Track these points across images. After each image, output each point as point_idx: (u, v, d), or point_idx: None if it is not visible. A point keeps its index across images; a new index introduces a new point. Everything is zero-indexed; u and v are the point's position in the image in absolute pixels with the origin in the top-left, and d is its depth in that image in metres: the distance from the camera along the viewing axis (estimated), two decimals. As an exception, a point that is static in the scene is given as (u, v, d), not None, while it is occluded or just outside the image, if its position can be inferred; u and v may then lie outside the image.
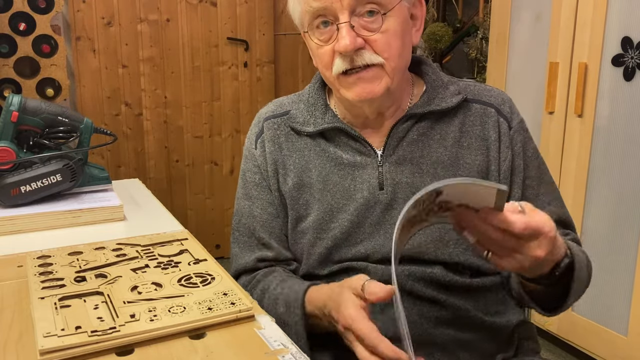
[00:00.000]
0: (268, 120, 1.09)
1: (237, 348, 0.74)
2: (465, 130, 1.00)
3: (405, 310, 0.96)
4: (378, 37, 0.91)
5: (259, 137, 1.09)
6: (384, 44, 0.92)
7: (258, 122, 1.11)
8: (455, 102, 0.99)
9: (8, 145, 1.21)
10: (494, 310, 1.00)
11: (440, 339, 0.96)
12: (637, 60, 1.90)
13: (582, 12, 2.05)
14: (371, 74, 0.92)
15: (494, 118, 1.00)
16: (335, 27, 0.91)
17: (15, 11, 2.56)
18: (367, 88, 0.93)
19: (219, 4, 3.12)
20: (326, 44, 0.93)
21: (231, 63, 3.20)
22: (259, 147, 1.08)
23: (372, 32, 0.91)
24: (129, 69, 3.01)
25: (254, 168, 1.09)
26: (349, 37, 0.89)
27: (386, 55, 0.92)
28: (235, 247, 1.10)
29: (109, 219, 1.22)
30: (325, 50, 0.94)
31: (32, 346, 0.72)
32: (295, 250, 1.06)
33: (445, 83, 1.02)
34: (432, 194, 0.73)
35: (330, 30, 0.92)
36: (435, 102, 1.00)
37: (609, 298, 2.06)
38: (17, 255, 1.02)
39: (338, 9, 0.89)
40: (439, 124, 1.00)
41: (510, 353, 1.02)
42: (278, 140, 1.07)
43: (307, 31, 0.96)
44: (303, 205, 1.03)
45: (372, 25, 0.91)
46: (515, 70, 2.38)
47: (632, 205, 1.96)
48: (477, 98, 1.02)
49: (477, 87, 1.04)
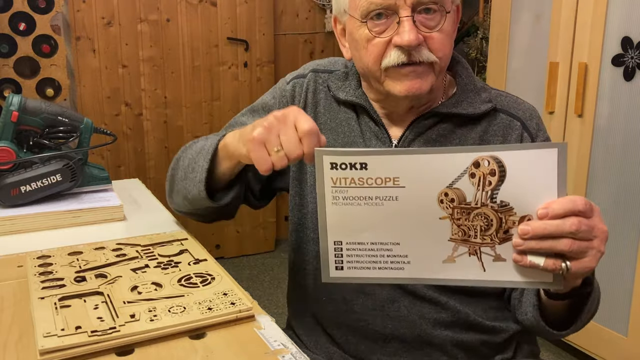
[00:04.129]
0: (315, 72, 1.09)
1: (237, 348, 0.74)
2: (486, 138, 0.98)
3: (406, 309, 0.97)
4: (436, 35, 0.91)
5: (298, 78, 1.09)
6: (439, 43, 0.92)
7: (304, 69, 1.11)
8: (483, 109, 0.98)
9: (8, 145, 1.21)
10: (493, 316, 1.00)
11: (439, 340, 0.96)
12: (637, 60, 1.90)
13: (582, 12, 2.05)
14: (422, 70, 0.92)
15: (518, 131, 0.99)
16: (392, 20, 0.90)
17: (15, 11, 2.56)
18: (417, 83, 0.92)
19: (219, 4, 3.11)
20: (379, 35, 0.92)
21: (231, 63, 3.20)
22: (291, 85, 1.08)
23: (431, 29, 0.91)
24: (129, 69, 3.01)
25: (274, 99, 1.09)
26: (413, 32, 0.89)
27: (440, 54, 0.92)
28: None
29: (109, 219, 1.22)
30: (378, 41, 0.92)
31: (32, 346, 0.72)
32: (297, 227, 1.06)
33: (477, 89, 1.01)
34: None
35: (386, 23, 0.91)
36: (462, 105, 0.98)
37: (609, 298, 2.06)
38: (17, 255, 1.02)
39: (401, 5, 0.89)
40: (461, 129, 0.98)
41: (509, 354, 1.01)
42: (317, 95, 1.06)
43: (363, 20, 0.92)
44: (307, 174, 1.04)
45: (431, 22, 0.91)
46: (515, 70, 2.38)
47: (632, 205, 1.96)
48: (505, 109, 1.00)
49: (509, 98, 1.03)
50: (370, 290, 0.97)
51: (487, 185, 0.72)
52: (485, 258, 0.75)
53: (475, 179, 0.72)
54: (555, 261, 0.73)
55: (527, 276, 0.75)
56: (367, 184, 0.74)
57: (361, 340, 0.98)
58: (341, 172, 0.74)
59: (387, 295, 0.96)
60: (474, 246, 0.75)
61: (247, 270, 3.19)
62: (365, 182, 0.74)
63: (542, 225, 0.71)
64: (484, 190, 0.72)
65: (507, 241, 0.74)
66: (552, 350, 2.33)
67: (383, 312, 0.96)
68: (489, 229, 0.74)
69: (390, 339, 0.97)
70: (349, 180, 0.74)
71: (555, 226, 0.71)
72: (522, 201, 0.72)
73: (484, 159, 0.71)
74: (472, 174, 0.72)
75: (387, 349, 0.97)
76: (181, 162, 1.06)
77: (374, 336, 0.97)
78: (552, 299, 0.87)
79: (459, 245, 0.75)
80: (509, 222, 0.73)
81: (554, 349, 2.34)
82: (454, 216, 0.74)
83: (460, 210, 0.73)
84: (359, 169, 0.74)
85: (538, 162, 0.71)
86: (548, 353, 2.30)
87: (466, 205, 0.73)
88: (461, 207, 0.73)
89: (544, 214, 0.71)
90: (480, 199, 0.72)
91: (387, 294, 0.96)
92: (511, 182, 0.71)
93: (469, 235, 0.74)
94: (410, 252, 0.77)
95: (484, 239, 0.74)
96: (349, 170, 0.74)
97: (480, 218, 0.73)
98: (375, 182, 0.74)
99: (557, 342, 2.32)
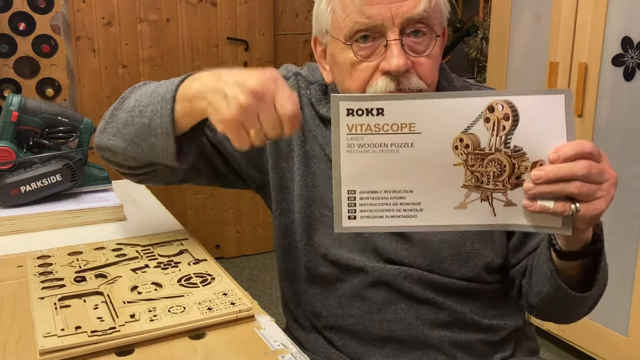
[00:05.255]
0: (297, 75, 1.04)
1: (237, 348, 0.74)
2: None
3: (402, 312, 0.96)
4: (424, 60, 0.87)
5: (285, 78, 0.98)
6: (428, 69, 0.88)
7: (287, 71, 1.06)
8: None
9: (8, 145, 1.21)
10: (491, 314, 0.99)
11: (437, 341, 0.96)
12: (637, 60, 1.90)
13: (582, 12, 2.05)
14: None
15: None
16: (378, 43, 0.86)
17: (15, 11, 2.56)
18: None
19: (219, 4, 3.11)
20: (366, 60, 0.87)
21: (231, 63, 3.20)
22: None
23: (419, 54, 0.87)
24: (129, 69, 3.01)
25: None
26: (402, 57, 0.84)
27: (429, 80, 0.88)
28: None
29: (109, 219, 1.22)
30: (364, 66, 0.87)
31: (32, 346, 0.72)
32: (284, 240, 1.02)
33: (457, 89, 0.99)
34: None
35: (372, 47, 0.86)
36: None
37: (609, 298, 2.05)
38: (17, 255, 1.02)
39: (389, 26, 0.84)
40: None
41: (508, 353, 1.01)
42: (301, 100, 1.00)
43: (348, 43, 0.87)
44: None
45: (419, 46, 0.87)
46: (515, 70, 2.38)
47: (632, 205, 1.96)
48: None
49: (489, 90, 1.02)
50: (367, 294, 0.96)
51: (501, 130, 0.73)
52: (497, 203, 0.76)
53: (490, 124, 0.73)
54: (565, 204, 0.73)
55: (537, 220, 0.76)
56: (383, 130, 0.74)
57: (359, 343, 0.98)
58: (357, 118, 0.73)
59: (383, 298, 0.96)
60: (486, 192, 0.76)
61: (247, 270, 3.19)
62: (381, 128, 0.74)
63: (555, 168, 0.72)
64: (498, 136, 0.73)
65: (518, 187, 0.75)
66: (552, 350, 2.33)
67: (380, 315, 0.96)
68: (501, 175, 0.75)
69: (388, 341, 0.96)
70: (364, 127, 0.74)
71: (567, 169, 0.71)
72: (534, 146, 0.74)
73: (498, 103, 0.72)
74: (487, 118, 0.73)
75: (384, 350, 0.96)
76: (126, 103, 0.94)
77: (372, 338, 0.97)
78: (566, 259, 0.85)
79: (471, 191, 0.76)
80: (521, 167, 0.74)
81: (554, 349, 2.34)
82: (467, 162, 0.75)
83: (475, 156, 0.74)
84: (376, 114, 0.73)
85: (547, 108, 0.73)
86: (548, 353, 2.30)
87: (480, 151, 0.74)
88: (475, 153, 0.74)
89: (555, 157, 0.72)
90: (494, 144, 0.74)
91: (384, 297, 0.96)
92: (524, 126, 0.73)
93: (481, 181, 0.75)
94: (423, 199, 0.77)
95: (497, 185, 0.75)
96: (365, 116, 0.73)
97: (493, 164, 0.75)
98: (391, 128, 0.74)
99: (557, 342, 2.32)
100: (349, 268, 0.97)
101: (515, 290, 1.01)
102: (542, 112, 0.73)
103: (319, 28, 0.94)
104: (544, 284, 0.91)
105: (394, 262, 0.95)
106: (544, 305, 0.94)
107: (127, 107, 0.93)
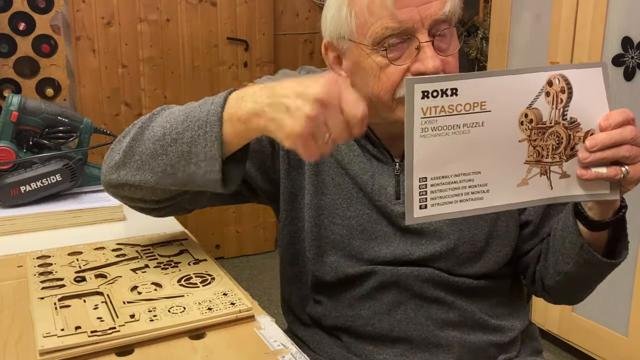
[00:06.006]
0: None
1: (237, 348, 0.74)
2: None
3: (412, 312, 0.96)
4: (451, 59, 0.88)
5: None
6: (454, 67, 0.89)
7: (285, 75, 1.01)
8: None
9: (8, 145, 1.21)
10: (499, 313, 1.00)
11: (446, 341, 0.96)
12: (637, 60, 1.90)
13: (582, 12, 2.04)
14: None
15: None
16: (408, 45, 0.85)
17: (15, 11, 2.56)
18: None
19: (219, 4, 3.11)
20: (394, 62, 0.86)
21: (231, 63, 3.20)
22: None
23: (445, 53, 0.88)
24: (129, 69, 3.01)
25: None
26: (438, 58, 0.84)
27: None
28: None
29: (109, 219, 1.22)
30: (393, 70, 0.86)
31: (32, 346, 0.72)
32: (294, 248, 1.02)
33: None
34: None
35: (401, 49, 0.85)
36: None
37: (609, 298, 2.06)
38: (17, 255, 1.02)
39: (419, 28, 0.84)
40: None
41: (513, 353, 1.02)
42: None
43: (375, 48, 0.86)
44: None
45: (443, 45, 0.88)
46: (515, 70, 2.38)
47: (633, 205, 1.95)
48: None
49: None
50: (377, 295, 0.96)
51: (559, 103, 0.78)
52: (553, 176, 0.80)
53: (550, 98, 0.77)
54: (616, 168, 0.79)
55: (588, 189, 0.81)
56: (457, 110, 0.75)
57: (368, 342, 0.98)
58: (432, 100, 0.74)
59: (393, 298, 0.96)
60: (545, 166, 0.80)
61: (247, 270, 3.19)
62: (454, 109, 0.75)
63: (607, 135, 0.77)
64: (557, 109, 0.78)
65: (572, 157, 0.80)
66: (552, 350, 2.33)
67: (390, 315, 0.96)
68: (558, 147, 0.79)
69: (398, 341, 0.96)
70: (439, 109, 0.75)
71: (618, 134, 0.77)
72: (586, 116, 0.79)
73: (555, 77, 0.77)
74: (547, 92, 0.77)
75: (394, 350, 0.96)
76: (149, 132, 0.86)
77: (381, 338, 0.97)
78: (597, 229, 0.88)
79: (532, 166, 0.80)
80: (575, 138, 0.79)
81: (554, 349, 2.34)
82: (531, 137, 0.78)
83: (537, 131, 0.78)
84: (450, 95, 0.74)
85: (590, 79, 0.79)
86: (548, 353, 2.30)
87: (542, 125, 0.78)
88: (538, 127, 0.78)
89: (607, 125, 0.77)
90: (554, 117, 0.78)
91: (394, 297, 0.96)
92: (577, 98, 0.78)
93: (541, 155, 0.79)
94: (489, 179, 0.79)
95: (554, 157, 0.79)
96: (439, 97, 0.74)
97: (553, 137, 0.79)
98: (464, 108, 0.75)
99: (557, 342, 2.32)
100: (360, 275, 0.97)
101: (528, 278, 1.03)
102: (587, 83, 0.78)
103: (336, 33, 0.91)
104: (566, 262, 0.93)
105: (408, 264, 0.95)
106: (563, 284, 0.97)
107: (153, 137, 0.84)
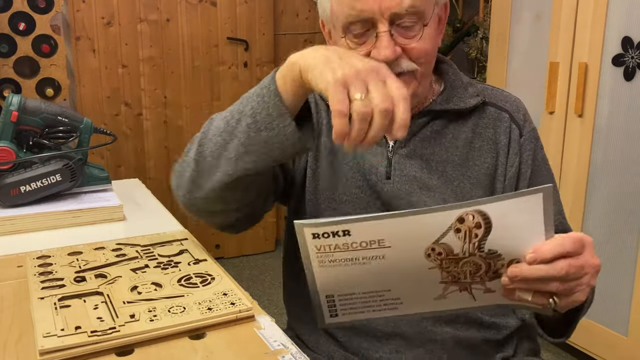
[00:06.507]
0: None
1: (237, 348, 0.74)
2: (478, 131, 1.00)
3: None
4: (415, 44, 0.90)
5: None
6: (420, 52, 0.91)
7: None
8: (473, 103, 1.00)
9: (8, 145, 1.21)
10: (494, 311, 1.00)
11: (440, 337, 0.97)
12: (637, 60, 1.90)
13: (582, 12, 2.04)
14: (403, 80, 0.88)
15: (507, 123, 1.00)
16: (370, 32, 0.89)
17: (15, 11, 2.56)
18: None
19: (219, 4, 3.11)
20: (359, 47, 0.90)
21: (231, 63, 3.20)
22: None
23: (410, 39, 0.90)
24: (129, 69, 3.01)
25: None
26: (390, 48, 0.88)
27: (422, 61, 0.92)
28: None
29: (109, 219, 1.22)
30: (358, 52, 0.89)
31: (32, 346, 0.72)
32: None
33: (464, 84, 1.02)
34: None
35: (365, 35, 0.90)
36: (453, 101, 1.00)
37: (609, 298, 2.06)
38: (17, 255, 1.02)
39: (379, 19, 0.87)
40: (453, 124, 1.00)
41: (510, 352, 1.02)
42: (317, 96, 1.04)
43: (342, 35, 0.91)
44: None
45: (410, 33, 0.90)
46: (515, 70, 2.38)
47: (633, 205, 1.96)
48: (493, 102, 1.02)
49: (495, 91, 1.05)
50: None
51: (473, 238, 0.71)
52: (476, 291, 0.76)
53: (461, 234, 0.71)
54: (543, 298, 0.73)
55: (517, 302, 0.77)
56: (352, 247, 0.73)
57: (363, 339, 0.98)
58: (324, 240, 0.72)
59: None
60: (465, 284, 0.76)
61: (247, 270, 3.19)
62: (350, 246, 0.73)
63: (532, 269, 0.71)
64: (471, 242, 0.71)
65: (497, 278, 0.75)
66: (552, 350, 2.33)
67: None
68: (478, 272, 0.74)
69: (392, 336, 0.97)
70: (333, 247, 0.73)
71: (544, 271, 0.71)
72: (510, 247, 0.72)
73: (469, 214, 0.70)
74: (458, 229, 0.71)
75: (389, 346, 0.97)
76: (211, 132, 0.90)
77: (376, 334, 0.98)
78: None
79: (449, 285, 0.76)
80: (497, 265, 0.74)
81: (553, 349, 2.34)
82: (442, 266, 0.74)
83: (449, 261, 0.73)
84: (342, 235, 0.72)
85: (524, 209, 0.70)
86: (548, 353, 2.30)
87: (454, 257, 0.73)
88: (449, 259, 0.73)
89: (532, 259, 0.71)
90: (467, 250, 0.72)
91: None
92: (498, 232, 0.71)
93: (458, 278, 0.75)
94: (402, 294, 0.78)
95: (474, 279, 0.75)
96: (332, 238, 0.72)
97: (469, 265, 0.73)
98: (360, 245, 0.73)
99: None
100: None
101: None
102: (518, 214, 0.70)
103: (323, 12, 0.97)
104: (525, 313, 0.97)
105: None
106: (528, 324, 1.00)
107: (217, 131, 0.88)
